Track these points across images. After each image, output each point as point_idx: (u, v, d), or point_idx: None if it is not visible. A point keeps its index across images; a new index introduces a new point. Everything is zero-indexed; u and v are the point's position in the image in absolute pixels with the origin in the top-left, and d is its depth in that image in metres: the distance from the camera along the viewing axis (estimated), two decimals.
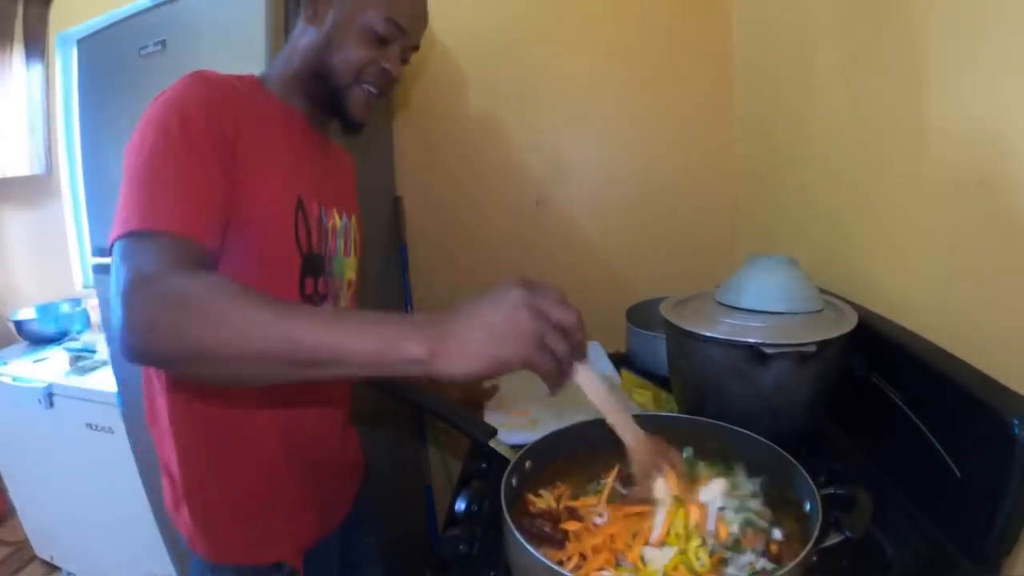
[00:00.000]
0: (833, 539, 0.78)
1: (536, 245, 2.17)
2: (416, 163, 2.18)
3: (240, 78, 1.01)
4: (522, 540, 0.74)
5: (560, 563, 0.78)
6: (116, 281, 0.72)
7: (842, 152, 1.35)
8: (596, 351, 1.68)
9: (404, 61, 1.10)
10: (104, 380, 2.19)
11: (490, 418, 1.29)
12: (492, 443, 1.04)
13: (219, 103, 0.91)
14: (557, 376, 0.69)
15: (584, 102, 2.08)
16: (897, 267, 1.16)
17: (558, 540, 0.83)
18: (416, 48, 1.11)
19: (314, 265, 1.04)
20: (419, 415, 2.28)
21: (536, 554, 0.72)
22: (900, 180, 1.13)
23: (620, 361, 1.64)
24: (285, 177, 0.99)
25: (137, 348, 0.69)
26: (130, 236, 0.77)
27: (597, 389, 0.78)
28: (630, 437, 0.83)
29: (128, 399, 1.99)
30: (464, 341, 0.65)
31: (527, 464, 0.96)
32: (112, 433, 2.15)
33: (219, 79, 0.95)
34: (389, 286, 2.13)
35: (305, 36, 1.05)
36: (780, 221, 1.75)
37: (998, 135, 0.88)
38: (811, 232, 1.51)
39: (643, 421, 0.92)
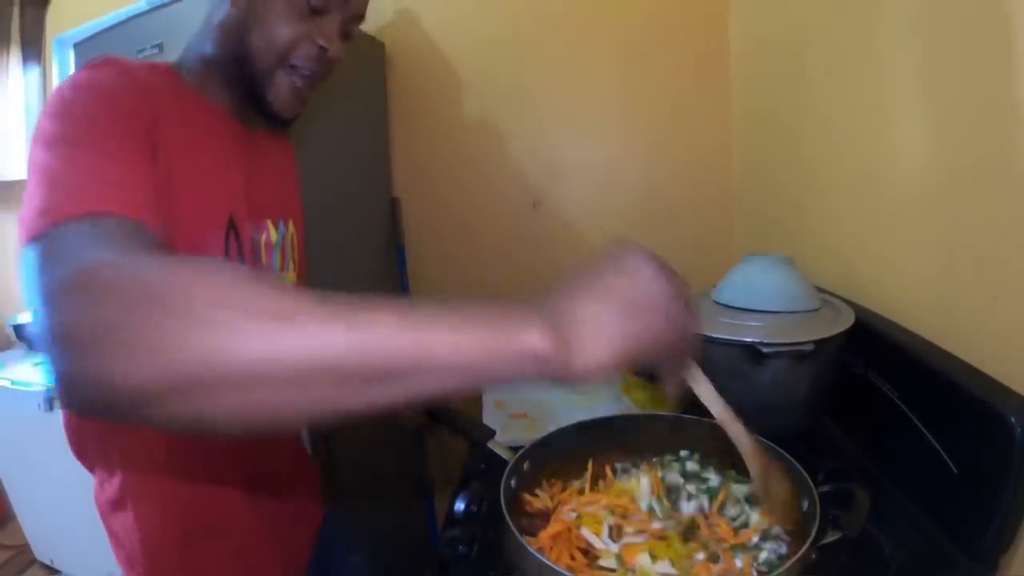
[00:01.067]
0: (831, 537, 0.79)
1: (534, 246, 2.17)
2: (413, 164, 2.18)
3: (153, 66, 0.83)
4: (523, 541, 0.74)
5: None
6: (35, 289, 0.49)
7: (838, 151, 1.35)
8: None
9: (346, 36, 0.89)
10: None
11: (488, 419, 1.30)
12: (491, 444, 1.04)
13: (135, 88, 0.74)
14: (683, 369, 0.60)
15: (581, 102, 2.09)
16: (895, 265, 1.16)
17: None
18: (361, 18, 0.91)
19: None
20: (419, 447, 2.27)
21: (536, 554, 0.73)
22: (897, 178, 1.13)
23: None
24: (213, 191, 0.83)
25: (83, 379, 0.42)
26: (51, 231, 0.55)
27: (710, 390, 0.76)
28: (746, 443, 0.79)
29: None
30: (601, 324, 0.49)
31: (525, 465, 0.96)
32: None
33: (131, 65, 0.78)
34: (386, 289, 2.13)
35: (219, 11, 0.85)
36: (777, 220, 1.75)
37: (994, 134, 0.88)
38: (808, 231, 1.51)
39: (643, 421, 0.93)
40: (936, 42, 1.00)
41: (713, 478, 0.96)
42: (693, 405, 0.79)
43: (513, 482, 0.93)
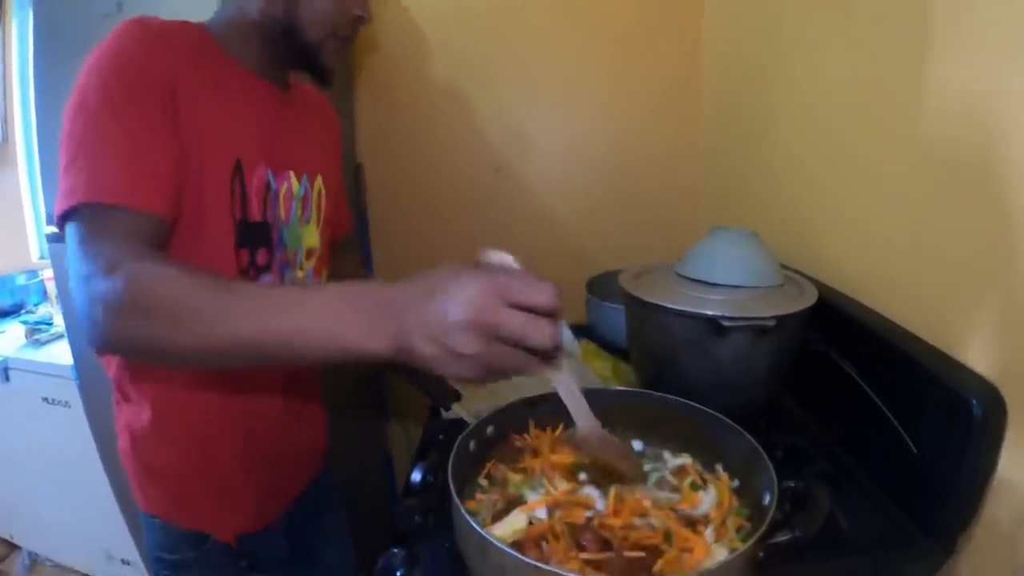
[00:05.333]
0: (781, 536, 0.77)
1: (498, 213, 2.14)
2: (377, 130, 2.12)
3: (185, 25, 0.92)
4: (463, 511, 0.73)
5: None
6: (74, 270, 0.71)
7: (806, 131, 1.34)
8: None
9: None
10: (60, 353, 2.14)
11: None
12: (456, 407, 1.02)
13: (158, 51, 0.83)
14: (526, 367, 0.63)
15: (550, 73, 2.04)
16: (860, 243, 1.16)
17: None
18: None
19: (253, 235, 0.96)
20: (380, 383, 2.26)
21: (473, 524, 0.72)
22: (863, 159, 1.12)
23: (580, 332, 1.62)
24: (221, 138, 0.91)
25: (99, 345, 0.70)
26: (79, 214, 0.75)
27: (573, 393, 0.76)
28: (584, 422, 0.80)
29: (85, 372, 1.94)
30: (444, 347, 0.57)
31: (489, 429, 0.95)
32: (69, 407, 2.10)
33: (159, 25, 0.87)
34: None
35: None
36: (743, 197, 1.75)
37: (964, 115, 0.87)
38: (774, 208, 1.51)
39: (601, 396, 0.92)
40: (908, 19, 0.98)
41: (670, 459, 0.96)
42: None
43: (472, 445, 0.92)
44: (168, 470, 1.01)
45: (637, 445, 0.98)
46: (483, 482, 0.92)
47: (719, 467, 0.91)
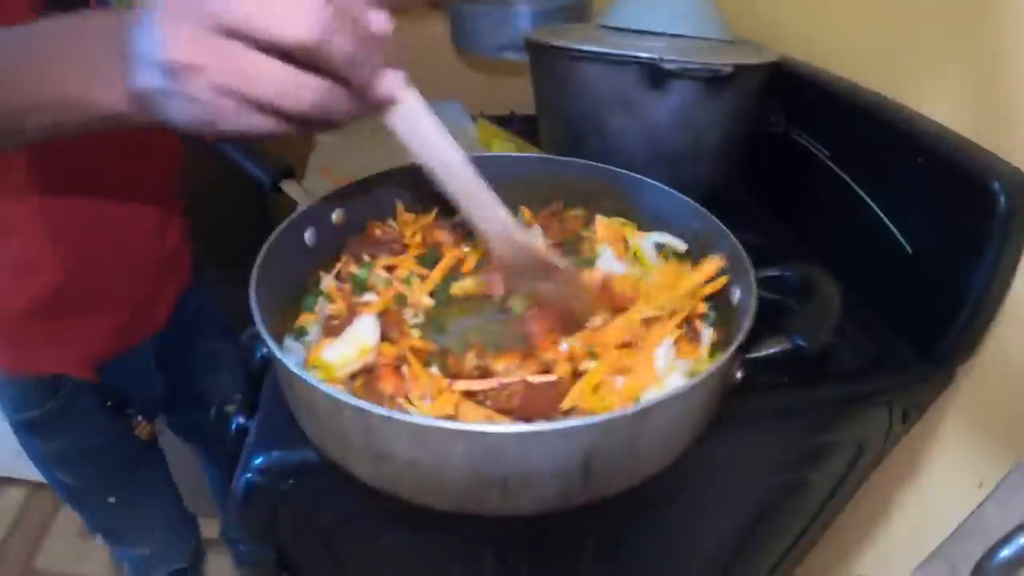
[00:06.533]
0: (773, 346, 0.54)
1: None
2: None
3: None
4: (264, 332, 0.47)
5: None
6: None
7: None
8: (454, 108, 1.34)
9: None
10: None
11: (311, 185, 0.97)
12: (285, 186, 0.74)
13: None
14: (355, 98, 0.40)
15: None
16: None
17: None
18: None
19: None
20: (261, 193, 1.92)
21: (271, 345, 0.47)
22: None
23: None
24: None
25: None
26: None
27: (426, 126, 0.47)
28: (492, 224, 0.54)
29: None
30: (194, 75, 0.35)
31: (334, 215, 0.68)
32: None
33: None
34: None
35: None
36: None
37: None
38: None
39: (496, 166, 0.65)
40: None
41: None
42: None
43: (310, 237, 0.65)
44: None
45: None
46: (328, 287, 0.65)
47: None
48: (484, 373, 0.52)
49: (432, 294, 0.65)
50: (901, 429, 0.72)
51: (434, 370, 0.53)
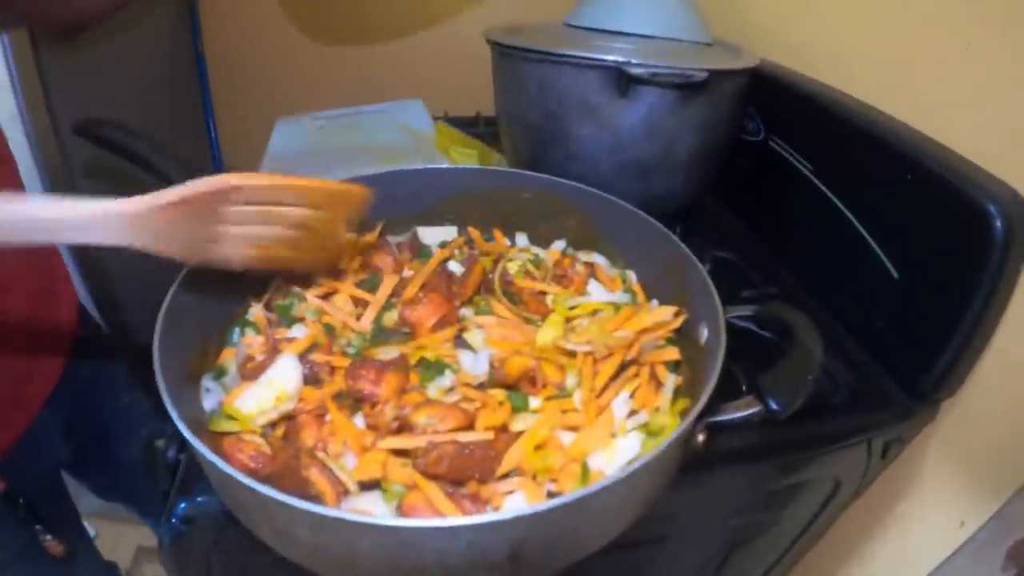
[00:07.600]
0: (741, 408, 0.45)
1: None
2: None
3: None
4: (161, 379, 0.40)
5: None
6: None
7: None
8: (415, 107, 1.26)
9: None
10: None
11: None
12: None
13: None
14: None
15: None
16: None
17: None
18: None
19: None
20: None
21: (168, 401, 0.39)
22: None
23: None
24: None
25: None
26: None
27: None
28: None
29: None
30: None
31: None
32: None
33: None
34: (180, 109, 1.59)
35: None
36: None
37: None
38: None
39: (453, 179, 0.59)
40: None
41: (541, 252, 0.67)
42: None
43: None
44: None
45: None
46: (256, 317, 0.58)
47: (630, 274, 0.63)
48: (404, 425, 0.45)
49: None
50: (880, 465, 0.67)
51: (359, 420, 0.46)
